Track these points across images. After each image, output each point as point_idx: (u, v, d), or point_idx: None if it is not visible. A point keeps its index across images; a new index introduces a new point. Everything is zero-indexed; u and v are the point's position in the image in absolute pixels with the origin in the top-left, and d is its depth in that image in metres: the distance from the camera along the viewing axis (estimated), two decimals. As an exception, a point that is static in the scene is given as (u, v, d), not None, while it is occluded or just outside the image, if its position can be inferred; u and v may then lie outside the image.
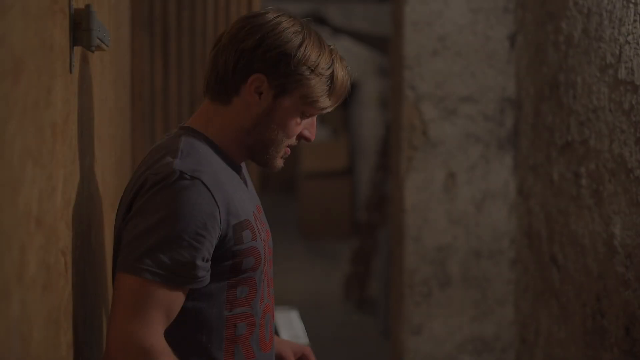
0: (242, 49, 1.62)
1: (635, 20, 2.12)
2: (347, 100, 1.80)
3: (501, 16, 3.11)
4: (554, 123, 2.66)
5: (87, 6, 1.46)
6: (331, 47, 1.68)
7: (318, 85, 1.63)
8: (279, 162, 1.72)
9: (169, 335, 1.53)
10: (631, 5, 2.13)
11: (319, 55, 1.63)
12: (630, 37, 2.13)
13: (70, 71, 1.42)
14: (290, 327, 2.63)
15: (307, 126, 1.70)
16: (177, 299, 1.52)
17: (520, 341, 3.06)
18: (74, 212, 1.47)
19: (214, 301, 1.61)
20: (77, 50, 1.50)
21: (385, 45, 6.79)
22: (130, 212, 1.56)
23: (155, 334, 1.48)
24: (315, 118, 1.70)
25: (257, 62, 1.62)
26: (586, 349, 2.36)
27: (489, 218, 3.14)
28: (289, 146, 1.71)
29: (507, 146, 3.14)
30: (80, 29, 1.45)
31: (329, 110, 1.68)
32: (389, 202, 6.43)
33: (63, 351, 1.32)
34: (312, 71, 1.62)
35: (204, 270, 1.54)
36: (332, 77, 1.64)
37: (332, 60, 1.65)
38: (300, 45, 1.62)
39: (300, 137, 1.71)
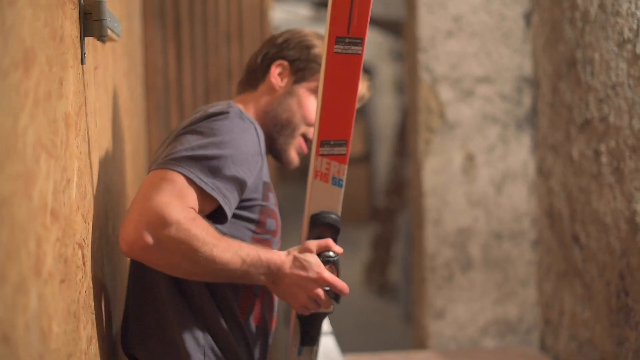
0: (271, 44, 1.87)
1: (653, -7, 2.08)
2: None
3: (516, -6, 3.07)
4: (572, 101, 2.63)
5: (97, -4, 1.45)
6: None
7: None
8: (293, 155, 1.85)
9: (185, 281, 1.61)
10: (649, -22, 2.09)
11: None
12: (648, 11, 2.10)
13: (82, 62, 1.40)
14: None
15: None
16: (206, 202, 1.51)
17: (544, 322, 3.04)
18: (90, 204, 1.46)
19: None
20: (89, 41, 1.49)
21: (399, 28, 6.75)
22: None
23: (184, 209, 1.44)
24: None
25: (282, 52, 1.85)
26: (611, 328, 2.33)
27: (509, 199, 3.12)
28: (304, 141, 1.85)
29: (526, 126, 3.11)
30: (90, 19, 1.44)
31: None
32: (408, 187, 6.41)
33: (83, 345, 1.32)
34: None
35: (235, 202, 1.57)
36: None
37: None
38: (318, 45, 1.84)
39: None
